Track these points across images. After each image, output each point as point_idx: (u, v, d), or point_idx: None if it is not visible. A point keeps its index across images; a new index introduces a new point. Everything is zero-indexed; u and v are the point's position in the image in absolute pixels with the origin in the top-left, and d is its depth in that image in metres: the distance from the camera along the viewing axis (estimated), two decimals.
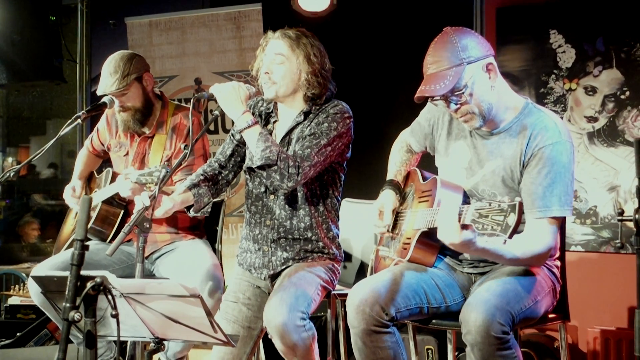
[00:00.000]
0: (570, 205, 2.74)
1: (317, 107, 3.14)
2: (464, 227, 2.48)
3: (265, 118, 3.25)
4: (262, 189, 3.18)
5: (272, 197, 3.16)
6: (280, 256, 3.15)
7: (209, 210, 3.25)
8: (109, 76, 3.55)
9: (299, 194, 3.12)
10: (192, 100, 3.08)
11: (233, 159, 3.29)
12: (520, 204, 2.33)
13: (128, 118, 3.64)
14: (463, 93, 2.71)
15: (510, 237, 2.33)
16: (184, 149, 2.89)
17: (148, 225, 2.79)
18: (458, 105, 2.75)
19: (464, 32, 2.76)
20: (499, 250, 2.61)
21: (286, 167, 2.91)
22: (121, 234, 2.68)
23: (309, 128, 3.08)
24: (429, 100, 2.80)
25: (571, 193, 2.73)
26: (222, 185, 3.28)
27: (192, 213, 3.19)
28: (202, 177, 3.21)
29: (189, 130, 3.56)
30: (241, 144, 3.25)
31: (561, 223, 2.84)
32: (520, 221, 2.33)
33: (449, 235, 2.50)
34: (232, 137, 3.29)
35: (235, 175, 3.33)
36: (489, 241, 2.51)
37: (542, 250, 2.70)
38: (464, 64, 2.69)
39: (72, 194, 3.81)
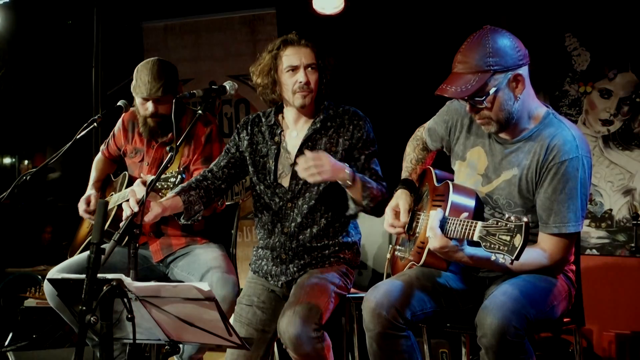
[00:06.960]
0: (583, 219, 2.75)
1: (331, 112, 3.16)
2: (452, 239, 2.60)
3: (270, 132, 3.24)
4: (277, 200, 3.19)
5: (289, 205, 3.16)
6: (297, 263, 3.16)
7: (199, 218, 3.21)
8: (154, 80, 3.53)
9: (315, 201, 3.13)
10: (203, 95, 3.05)
11: (227, 171, 3.28)
12: (527, 224, 2.36)
13: (155, 125, 3.64)
14: (483, 100, 2.66)
15: (517, 258, 2.36)
16: (169, 150, 2.88)
17: (138, 232, 2.74)
18: (476, 108, 2.72)
19: (500, 36, 2.67)
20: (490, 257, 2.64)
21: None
22: (112, 242, 2.59)
23: (361, 156, 3.18)
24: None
25: (585, 207, 2.73)
26: (213, 195, 3.25)
27: (182, 221, 3.18)
28: (192, 185, 3.20)
29: (207, 137, 3.56)
30: (235, 158, 3.27)
31: (576, 237, 2.84)
32: (526, 243, 2.36)
33: (431, 242, 2.63)
34: (227, 150, 3.31)
35: (229, 187, 3.32)
36: (479, 250, 2.55)
37: (547, 263, 2.72)
38: (491, 71, 2.63)
39: (85, 208, 3.81)
